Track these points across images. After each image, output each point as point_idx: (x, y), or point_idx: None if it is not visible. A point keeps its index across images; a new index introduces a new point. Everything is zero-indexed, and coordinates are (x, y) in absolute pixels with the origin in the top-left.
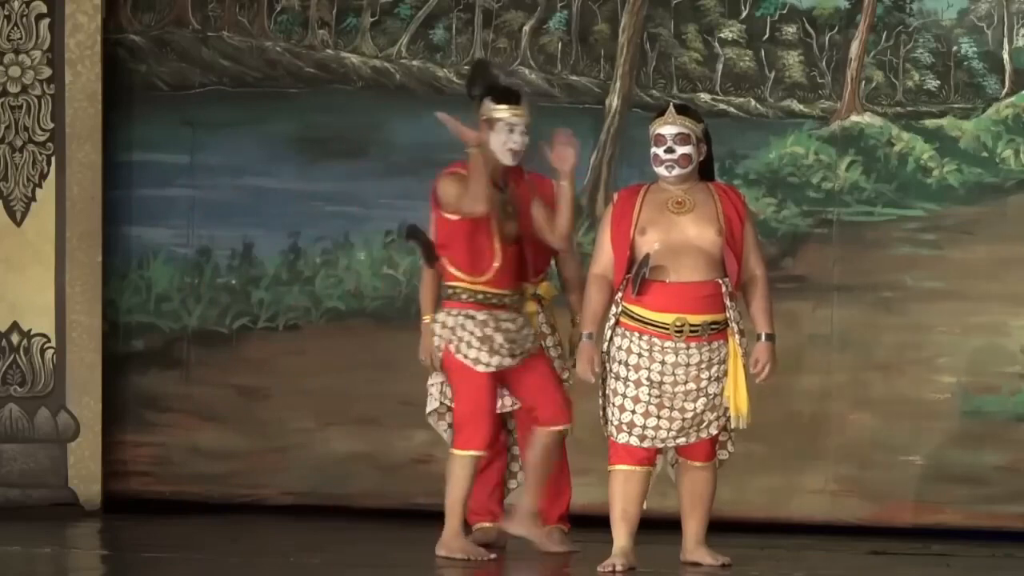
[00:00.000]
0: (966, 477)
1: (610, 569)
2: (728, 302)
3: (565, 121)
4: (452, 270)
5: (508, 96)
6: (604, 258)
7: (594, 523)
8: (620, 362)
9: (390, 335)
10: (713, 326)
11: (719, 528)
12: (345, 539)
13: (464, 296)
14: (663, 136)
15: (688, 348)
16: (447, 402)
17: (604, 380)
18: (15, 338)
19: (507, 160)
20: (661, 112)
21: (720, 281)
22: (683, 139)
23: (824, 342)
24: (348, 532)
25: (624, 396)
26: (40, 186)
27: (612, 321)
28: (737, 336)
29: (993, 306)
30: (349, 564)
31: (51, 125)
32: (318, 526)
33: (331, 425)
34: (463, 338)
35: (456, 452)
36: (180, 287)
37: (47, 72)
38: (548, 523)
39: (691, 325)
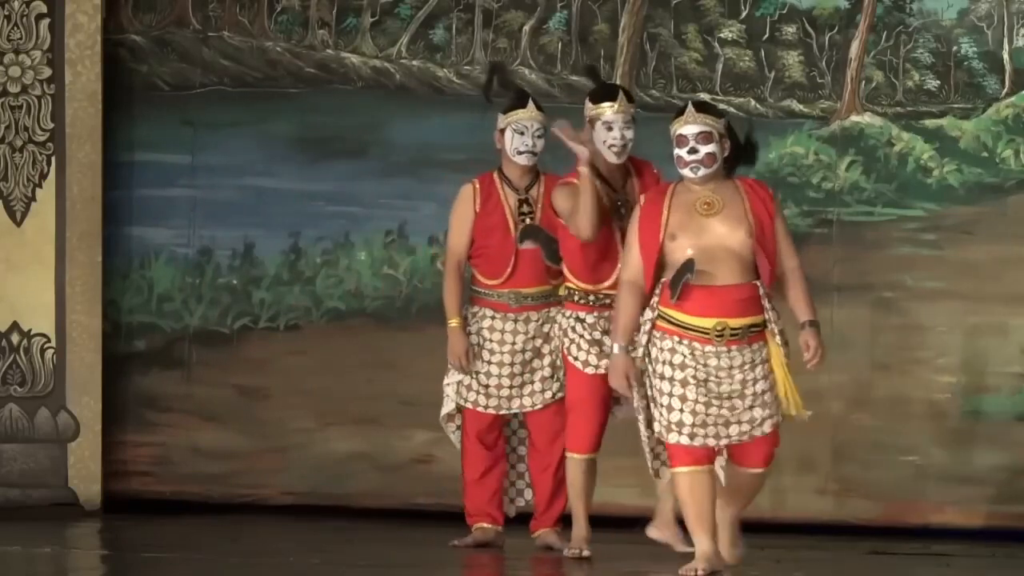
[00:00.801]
0: (966, 477)
1: (692, 573)
2: (766, 303)
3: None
4: (569, 273)
5: (605, 93)
6: (634, 263)
7: (594, 523)
8: (664, 362)
9: (390, 335)
10: (752, 328)
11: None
12: (345, 539)
13: (577, 298)
14: (685, 137)
15: (730, 351)
16: (463, 402)
17: (646, 385)
18: (15, 338)
19: (611, 158)
20: (680, 111)
21: (756, 283)
22: (705, 138)
23: (824, 342)
24: (348, 532)
25: (671, 395)
26: (40, 186)
27: (648, 326)
28: (777, 337)
29: (993, 306)
30: (349, 564)
31: (51, 125)
32: (318, 526)
33: (331, 425)
34: (573, 340)
35: (567, 455)
36: (181, 287)
37: (47, 72)
38: (544, 526)
39: (731, 329)
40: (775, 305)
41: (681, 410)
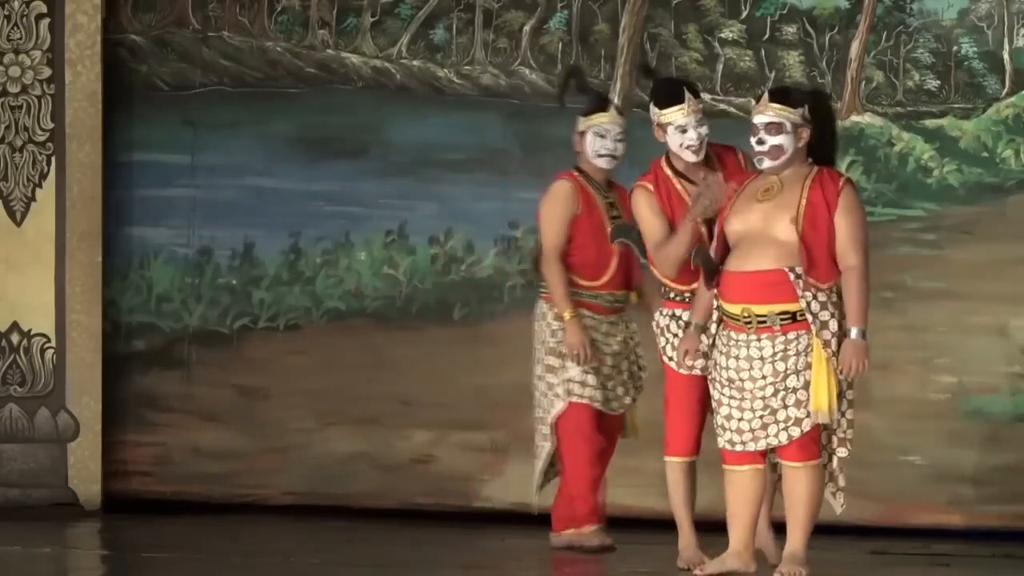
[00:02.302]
0: (966, 477)
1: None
2: (801, 291)
3: (566, 121)
4: (659, 274)
5: (672, 97)
6: (714, 247)
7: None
8: (712, 361)
9: (390, 335)
10: (784, 316)
11: (721, 528)
12: (345, 539)
13: (673, 295)
14: (756, 126)
15: (760, 340)
16: (577, 399)
17: None
18: (15, 338)
19: (691, 158)
20: (759, 98)
21: (787, 269)
22: (775, 129)
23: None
24: (348, 532)
25: (714, 399)
26: (40, 186)
27: (716, 314)
28: (816, 326)
29: (993, 306)
30: (349, 564)
31: (51, 125)
32: (318, 526)
33: (331, 425)
34: (668, 340)
35: (665, 459)
36: (181, 287)
37: (47, 72)
38: (593, 523)
39: (757, 315)
40: (827, 295)
41: (719, 414)
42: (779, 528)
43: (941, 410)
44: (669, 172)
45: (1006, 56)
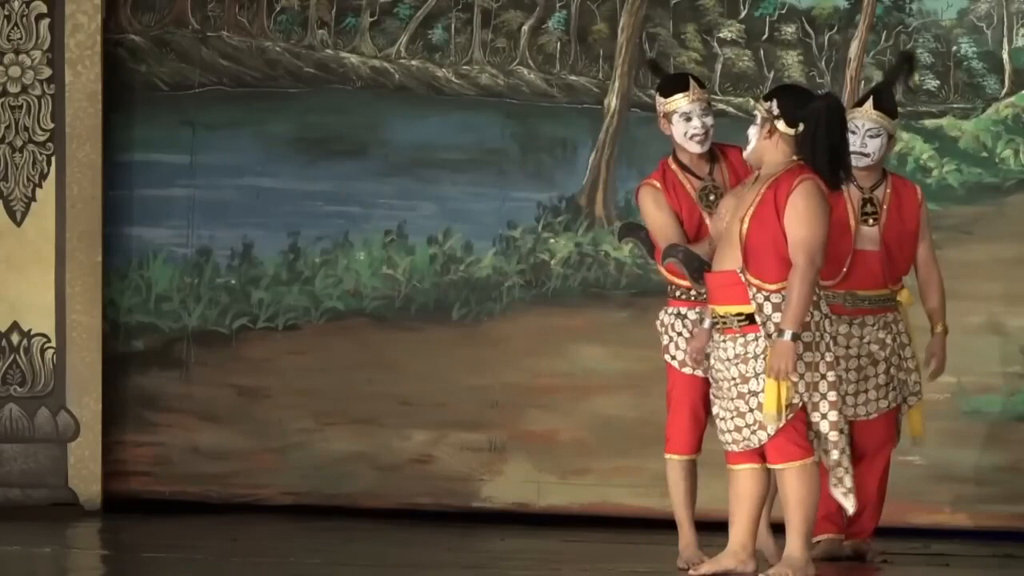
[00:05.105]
0: (966, 477)
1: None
2: (752, 293)
3: (564, 121)
4: (665, 272)
5: (674, 85)
6: None
7: (593, 523)
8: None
9: (390, 335)
10: (740, 318)
11: (721, 528)
12: (345, 539)
13: (679, 294)
14: None
15: (724, 341)
16: None
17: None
18: (15, 338)
19: (694, 149)
20: None
21: (738, 270)
22: (755, 122)
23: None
24: (348, 532)
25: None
26: (40, 186)
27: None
28: (770, 328)
29: (993, 306)
30: (349, 564)
31: (51, 125)
32: (318, 526)
33: (331, 425)
34: (672, 339)
35: (665, 456)
36: (180, 287)
37: (47, 72)
38: (863, 535)
39: (720, 316)
40: (782, 297)
41: (714, 411)
42: (780, 529)
43: (941, 410)
44: (675, 167)
45: (1005, 56)
